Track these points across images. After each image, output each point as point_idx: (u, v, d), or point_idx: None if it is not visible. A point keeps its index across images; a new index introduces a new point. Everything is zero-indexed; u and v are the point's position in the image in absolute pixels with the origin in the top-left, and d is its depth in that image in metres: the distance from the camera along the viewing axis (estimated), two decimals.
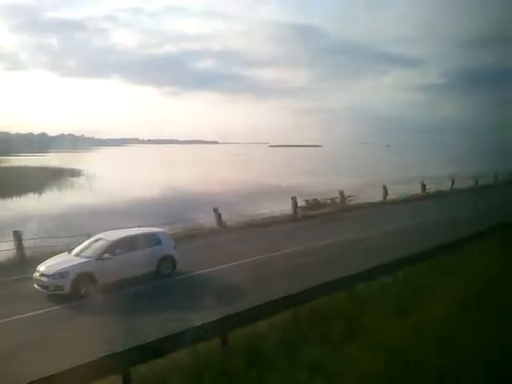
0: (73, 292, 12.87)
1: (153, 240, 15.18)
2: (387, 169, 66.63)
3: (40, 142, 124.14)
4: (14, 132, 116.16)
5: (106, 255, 13.68)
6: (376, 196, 32.45)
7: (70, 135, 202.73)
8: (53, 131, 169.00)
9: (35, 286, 13.33)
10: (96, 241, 14.48)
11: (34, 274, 13.39)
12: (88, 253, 13.85)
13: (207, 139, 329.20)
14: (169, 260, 15.20)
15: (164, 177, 64.70)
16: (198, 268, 15.79)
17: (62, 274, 12.89)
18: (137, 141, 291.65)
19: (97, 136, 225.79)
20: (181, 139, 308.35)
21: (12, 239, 16.98)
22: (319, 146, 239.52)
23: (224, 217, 22.85)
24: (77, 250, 14.33)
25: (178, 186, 50.83)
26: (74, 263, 13.27)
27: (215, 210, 22.80)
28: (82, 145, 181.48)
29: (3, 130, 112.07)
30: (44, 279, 12.96)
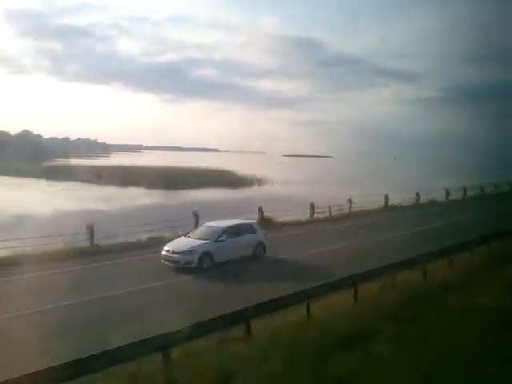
0: (198, 266, 16.16)
1: (250, 229, 18.57)
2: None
3: (65, 147, 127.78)
4: (47, 137, 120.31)
5: (222, 238, 17.03)
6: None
7: (87, 140, 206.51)
8: (67, 136, 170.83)
9: (163, 261, 16.65)
10: (210, 227, 17.83)
11: (163, 253, 16.71)
12: (206, 236, 17.19)
13: (208, 147, 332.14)
14: (261, 246, 18.49)
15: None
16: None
17: (190, 252, 16.22)
18: (141, 147, 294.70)
19: (107, 142, 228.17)
20: (183, 146, 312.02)
21: None
22: (331, 157, 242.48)
23: None
24: (193, 234, 17.71)
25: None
26: (200, 243, 16.60)
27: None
28: (97, 150, 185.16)
29: (36, 133, 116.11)
30: (176, 256, 16.26)
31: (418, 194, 37.33)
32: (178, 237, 18.15)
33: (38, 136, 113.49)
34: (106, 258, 17.82)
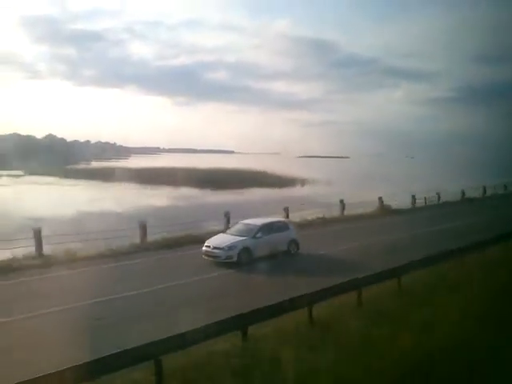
0: (238, 261, 17.30)
1: (284, 226, 19.64)
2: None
3: (87, 150, 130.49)
4: (70, 140, 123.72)
5: (258, 235, 18.13)
6: None
7: (106, 143, 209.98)
8: (85, 139, 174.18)
9: (203, 256, 17.81)
10: (246, 225, 18.94)
11: (204, 248, 17.87)
12: (243, 233, 18.30)
13: (224, 149, 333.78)
14: (294, 242, 19.51)
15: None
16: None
17: (231, 248, 17.36)
18: (158, 149, 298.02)
19: (124, 145, 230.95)
20: (199, 148, 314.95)
21: None
22: (347, 158, 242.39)
23: None
24: (231, 231, 18.85)
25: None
26: (239, 239, 17.72)
27: None
28: (117, 153, 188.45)
29: (60, 137, 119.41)
30: (217, 251, 17.41)
31: (484, 187, 43.36)
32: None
33: (62, 139, 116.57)
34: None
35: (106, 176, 62.52)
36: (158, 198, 46.87)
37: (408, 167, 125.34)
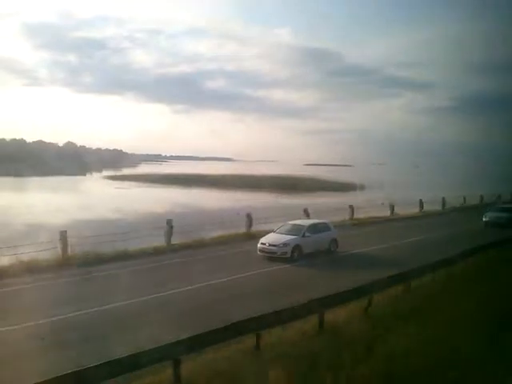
0: (291, 256, 19.83)
1: (326, 227, 22.23)
2: None
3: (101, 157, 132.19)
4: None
5: (307, 234, 20.71)
6: None
7: (114, 150, 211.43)
8: (98, 146, 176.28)
9: (259, 252, 20.35)
10: (294, 225, 21.53)
11: (259, 245, 20.40)
12: (293, 232, 20.85)
13: (223, 156, 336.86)
14: (335, 242, 22.09)
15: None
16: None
17: (285, 245, 19.90)
18: (160, 157, 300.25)
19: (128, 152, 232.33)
20: (200, 156, 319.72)
21: None
22: (350, 166, 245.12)
23: None
24: (280, 230, 21.40)
25: None
26: (291, 238, 20.26)
27: None
28: (127, 160, 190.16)
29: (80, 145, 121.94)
30: (273, 248, 19.96)
31: None
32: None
33: (82, 147, 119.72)
34: None
35: (182, 182, 72.00)
36: (258, 200, 51.29)
37: (422, 176, 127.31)
